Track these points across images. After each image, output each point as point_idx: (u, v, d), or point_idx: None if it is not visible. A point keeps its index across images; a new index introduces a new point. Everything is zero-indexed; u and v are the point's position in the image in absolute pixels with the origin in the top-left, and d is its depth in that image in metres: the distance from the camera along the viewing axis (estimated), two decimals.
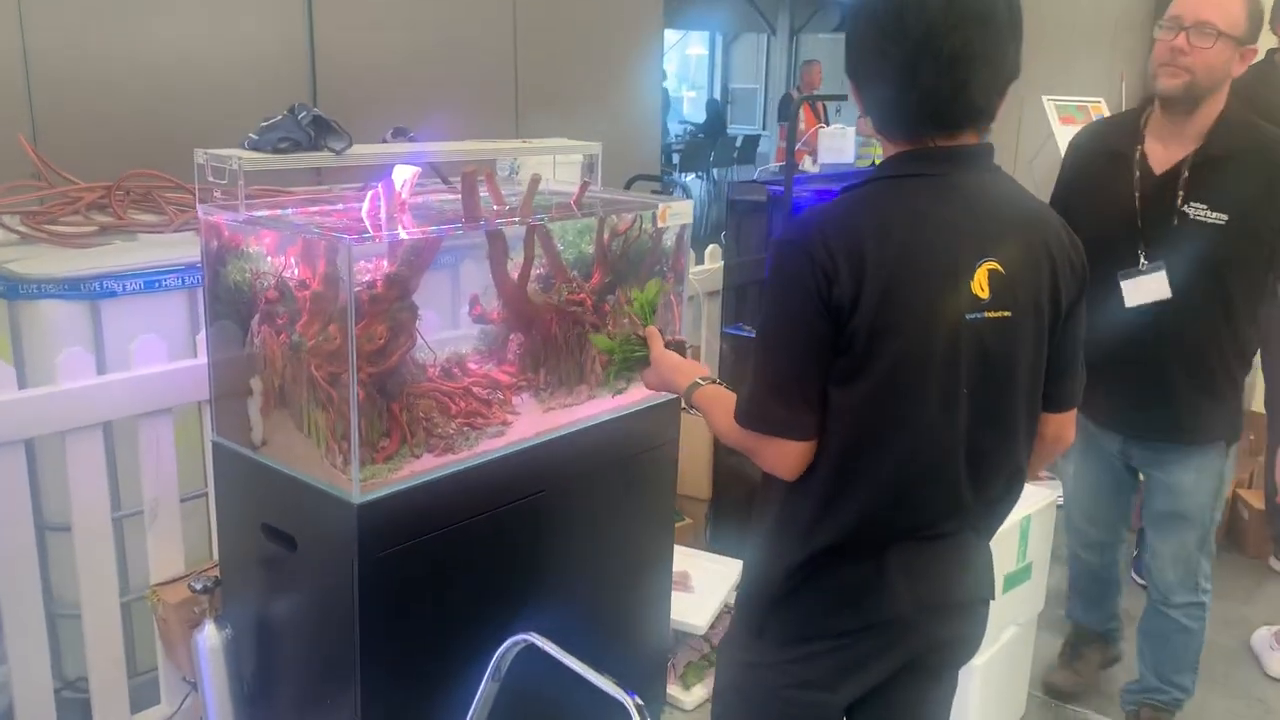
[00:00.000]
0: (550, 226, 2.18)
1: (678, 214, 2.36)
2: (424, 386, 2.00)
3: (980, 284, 1.41)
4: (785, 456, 1.45)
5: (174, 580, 2.35)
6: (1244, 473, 4.02)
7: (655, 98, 6.23)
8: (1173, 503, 2.50)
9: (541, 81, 5.00)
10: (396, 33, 4.40)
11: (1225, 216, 2.21)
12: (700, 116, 16.57)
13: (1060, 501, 2.82)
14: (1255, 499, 3.86)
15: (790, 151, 3.12)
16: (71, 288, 2.31)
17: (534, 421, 2.16)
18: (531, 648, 1.58)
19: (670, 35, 15.54)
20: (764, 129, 18.12)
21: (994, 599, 1.64)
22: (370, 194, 2.05)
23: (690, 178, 13.57)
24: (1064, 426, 1.63)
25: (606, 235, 2.28)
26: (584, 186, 2.35)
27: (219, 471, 2.11)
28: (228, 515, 2.12)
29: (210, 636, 2.08)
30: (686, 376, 1.70)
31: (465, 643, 2.02)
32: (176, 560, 2.40)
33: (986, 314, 1.42)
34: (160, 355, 2.30)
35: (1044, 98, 4.00)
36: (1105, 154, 2.44)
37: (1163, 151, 2.32)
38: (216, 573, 2.24)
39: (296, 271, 1.92)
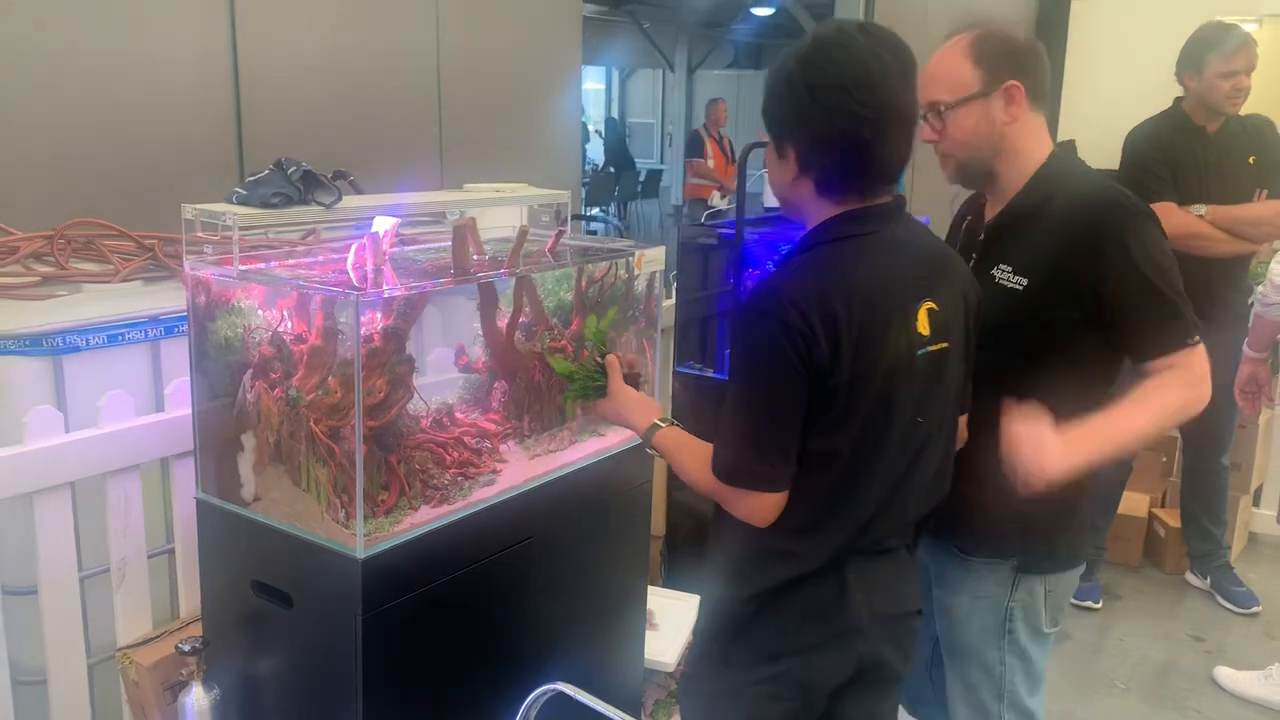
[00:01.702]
0: (534, 276, 2.21)
1: (651, 261, 2.42)
2: (419, 438, 2.01)
3: (923, 323, 1.60)
4: (762, 507, 1.58)
5: (146, 641, 2.28)
6: (1156, 492, 4.26)
7: (575, 136, 6.29)
8: (947, 627, 2.07)
9: (464, 120, 5.02)
10: (321, 74, 4.37)
11: (1025, 280, 1.84)
12: (600, 143, 16.70)
13: None
14: (1170, 518, 4.08)
15: (740, 195, 3.21)
16: (34, 343, 2.24)
17: (521, 469, 2.17)
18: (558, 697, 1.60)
19: None
20: (663, 162, 18.39)
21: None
22: (355, 246, 2.06)
23: (595, 210, 13.69)
24: (962, 426, 1.84)
25: (584, 283, 2.33)
26: (559, 234, 2.39)
27: (204, 529, 2.07)
28: (213, 573, 2.08)
29: (198, 699, 2.03)
30: (646, 416, 1.79)
31: (464, 693, 2.02)
32: (144, 621, 2.34)
33: (930, 348, 1.62)
34: (128, 411, 2.25)
35: None
36: (957, 220, 2.18)
37: (991, 213, 2.01)
38: (191, 632, 2.20)
39: (290, 325, 1.91)
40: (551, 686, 1.55)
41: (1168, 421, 1.81)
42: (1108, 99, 8.92)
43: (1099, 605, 3.78)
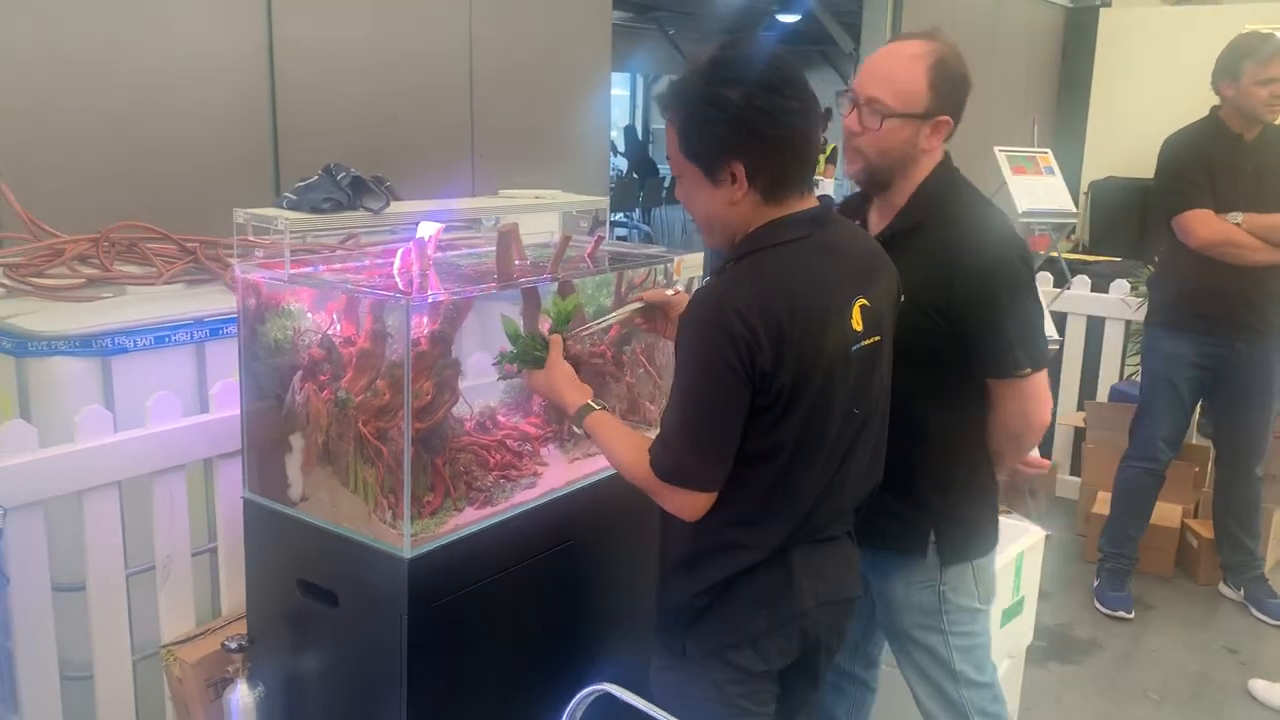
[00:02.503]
0: (575, 282, 2.23)
1: (690, 266, 2.43)
2: (463, 440, 2.03)
3: (856, 319, 1.67)
4: (693, 505, 1.64)
5: (190, 638, 2.31)
6: (1189, 503, 4.23)
7: (604, 142, 6.32)
8: (886, 614, 2.11)
9: (495, 126, 5.05)
10: (355, 80, 4.42)
11: (903, 296, 1.86)
12: (623, 159, 16.73)
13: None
14: (1203, 528, 4.05)
15: None
16: (83, 344, 2.28)
17: (562, 472, 2.20)
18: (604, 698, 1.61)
19: None
20: None
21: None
22: (401, 250, 2.08)
23: (619, 216, 13.70)
24: None
25: (624, 288, 2.35)
26: (598, 240, 2.41)
27: (250, 528, 2.10)
28: (259, 572, 2.11)
29: (243, 696, 2.06)
30: (578, 395, 1.82)
31: (507, 692, 2.04)
32: (188, 619, 2.37)
33: (864, 343, 1.68)
34: (175, 412, 2.29)
35: (996, 149, 4.19)
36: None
37: (877, 222, 2.03)
38: (233, 630, 2.23)
39: (339, 328, 1.94)
40: (598, 687, 1.56)
41: (1016, 435, 2.00)
42: (1135, 108, 8.91)
43: (1131, 616, 3.76)
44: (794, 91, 1.58)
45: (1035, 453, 2.20)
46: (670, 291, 1.99)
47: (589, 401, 1.81)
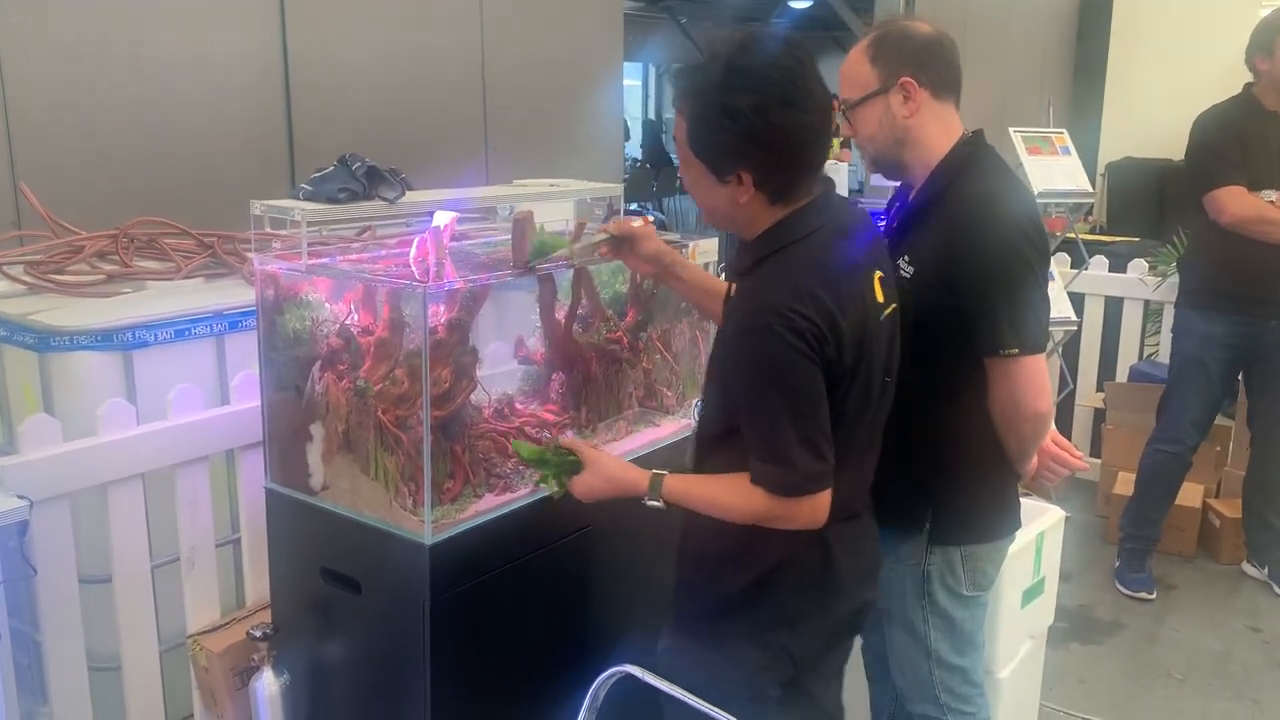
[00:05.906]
0: (590, 269, 2.24)
1: (705, 252, 2.44)
2: (482, 428, 2.05)
3: (878, 291, 1.70)
4: (822, 507, 1.62)
5: (215, 628, 2.34)
6: (1211, 482, 4.21)
7: (617, 133, 6.32)
8: None
9: (509, 117, 5.06)
10: (369, 74, 4.44)
11: (912, 269, 1.92)
12: (638, 140, 16.72)
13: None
14: (1225, 507, 4.03)
15: None
16: (105, 339, 2.30)
17: None
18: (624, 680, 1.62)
19: None
20: None
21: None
22: (417, 240, 2.10)
23: (633, 206, 13.70)
24: None
25: (639, 275, 2.35)
26: None
27: (273, 517, 2.12)
28: (282, 560, 2.13)
29: (269, 684, 2.09)
30: (639, 473, 1.78)
31: (529, 676, 2.06)
32: (213, 609, 2.40)
33: (886, 311, 1.72)
34: (197, 404, 2.31)
35: (1011, 129, 4.17)
36: (889, 205, 2.22)
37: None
38: (258, 620, 2.25)
39: (357, 318, 1.95)
40: (620, 668, 1.57)
41: (1009, 422, 1.95)
42: (1151, 89, 8.84)
43: (1153, 596, 3.74)
44: (811, 104, 1.56)
45: (1063, 445, 2.16)
46: (638, 223, 1.96)
47: (654, 471, 1.77)
